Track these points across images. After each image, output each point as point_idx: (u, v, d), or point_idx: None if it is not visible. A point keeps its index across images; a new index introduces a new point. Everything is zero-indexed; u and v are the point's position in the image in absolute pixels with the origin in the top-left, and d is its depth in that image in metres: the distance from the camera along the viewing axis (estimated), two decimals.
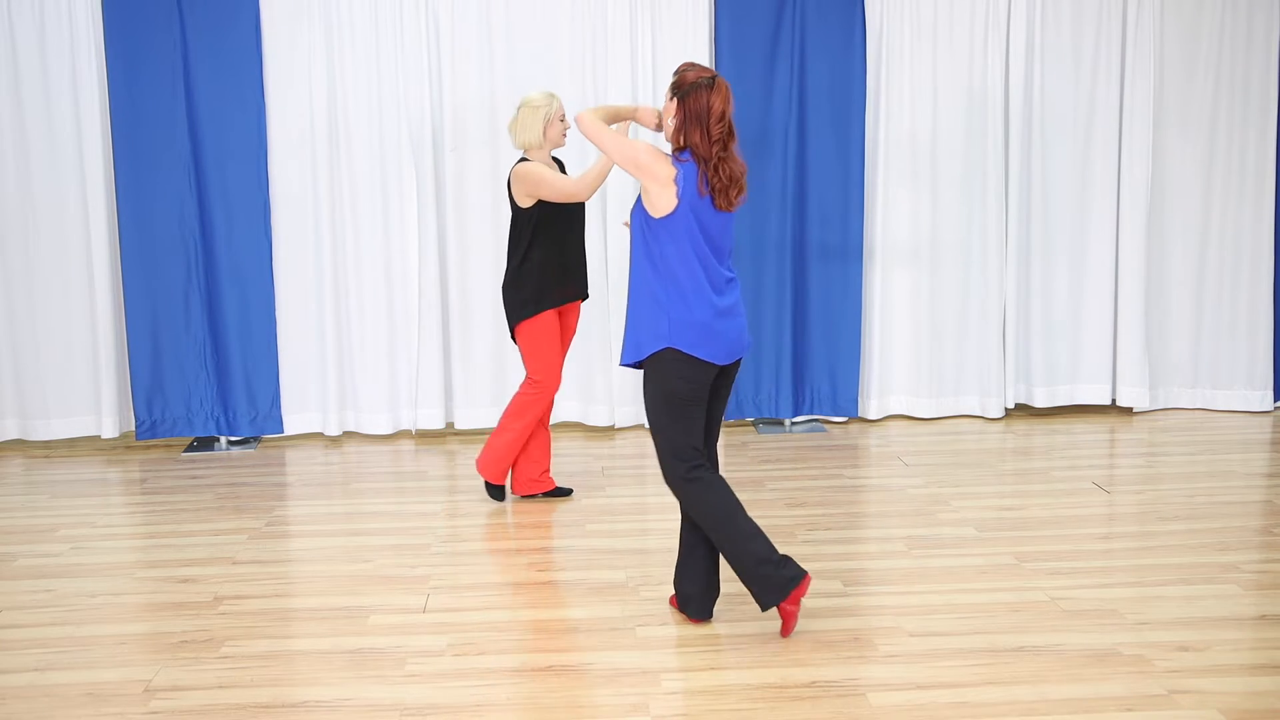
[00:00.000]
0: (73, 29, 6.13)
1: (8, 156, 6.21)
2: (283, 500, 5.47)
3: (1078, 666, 3.56)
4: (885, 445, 6.29)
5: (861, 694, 3.40)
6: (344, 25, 6.25)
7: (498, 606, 4.10)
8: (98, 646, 3.81)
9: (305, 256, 6.42)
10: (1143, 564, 4.44)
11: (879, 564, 4.47)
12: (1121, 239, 6.74)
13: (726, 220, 3.79)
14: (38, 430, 6.45)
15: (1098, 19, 6.60)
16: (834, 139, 6.49)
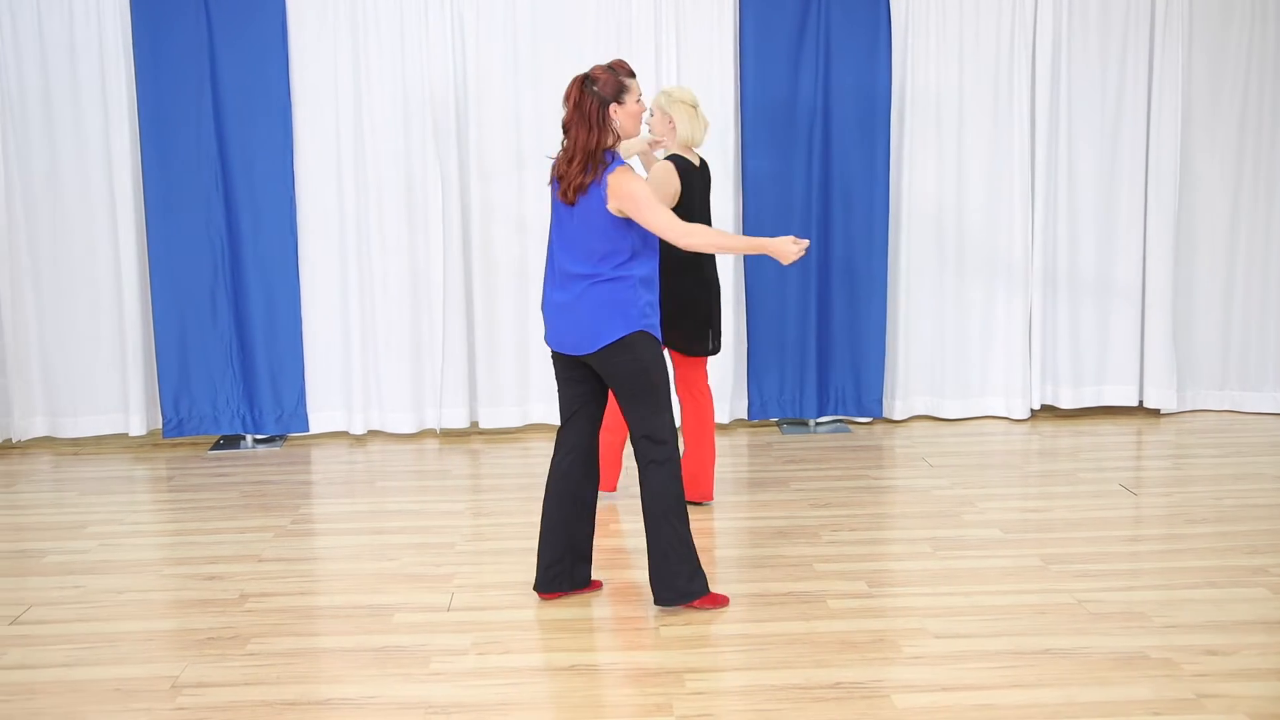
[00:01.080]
0: (101, 28, 6.18)
1: (37, 156, 6.26)
2: (308, 498, 5.49)
3: (1104, 669, 3.54)
4: (910, 446, 6.27)
5: (886, 695, 3.39)
6: (369, 24, 6.27)
7: (522, 605, 4.10)
8: (125, 642, 3.84)
9: (330, 255, 6.45)
10: (1170, 567, 4.41)
11: (904, 565, 4.46)
12: (1149, 238, 6.70)
13: (579, 216, 3.88)
14: (66, 428, 6.50)
15: (1125, 14, 6.56)
16: (859, 138, 6.47)
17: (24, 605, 4.17)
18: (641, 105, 3.93)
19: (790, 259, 3.93)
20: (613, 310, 3.87)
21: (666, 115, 4.90)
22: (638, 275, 3.89)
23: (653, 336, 3.91)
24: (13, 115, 6.21)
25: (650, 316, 3.92)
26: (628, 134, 3.91)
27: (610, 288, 3.87)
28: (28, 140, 6.24)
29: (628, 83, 3.88)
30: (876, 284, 6.58)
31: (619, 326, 3.86)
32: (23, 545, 4.85)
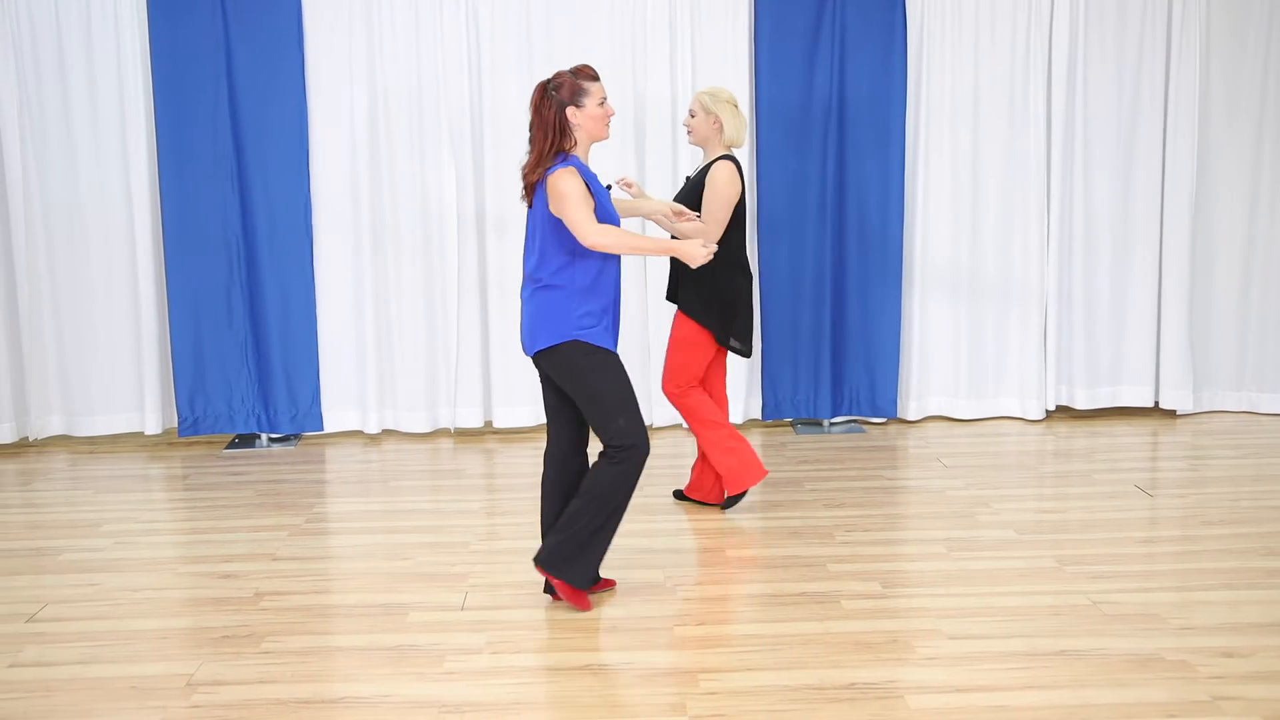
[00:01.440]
0: (118, 29, 6.20)
1: (54, 155, 6.30)
2: (322, 497, 5.51)
3: (1120, 671, 3.52)
4: (924, 447, 6.25)
5: (900, 696, 3.38)
6: (384, 24, 6.29)
7: (536, 605, 4.11)
8: (140, 640, 3.85)
9: (345, 255, 6.46)
10: (1186, 568, 4.39)
11: (918, 566, 4.45)
12: (1165, 238, 6.67)
13: (532, 217, 3.98)
14: (82, 426, 6.53)
15: (1142, 18, 6.53)
16: (874, 140, 6.46)
17: (40, 603, 4.19)
18: (606, 109, 3.93)
19: (698, 262, 3.93)
20: (546, 318, 3.92)
21: (711, 115, 4.87)
22: (577, 285, 3.90)
23: (586, 344, 3.90)
24: (30, 116, 6.24)
25: (589, 326, 3.91)
26: (593, 136, 3.94)
27: (546, 295, 3.93)
28: (45, 140, 6.27)
29: (587, 86, 3.89)
30: (891, 284, 6.57)
31: (548, 335, 3.92)
32: (39, 543, 4.87)
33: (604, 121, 3.94)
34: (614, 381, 3.92)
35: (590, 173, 3.95)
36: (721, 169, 4.83)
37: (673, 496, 5.34)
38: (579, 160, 3.92)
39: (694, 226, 4.48)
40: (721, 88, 4.94)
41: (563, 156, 3.91)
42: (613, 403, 3.90)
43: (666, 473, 5.80)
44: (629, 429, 3.90)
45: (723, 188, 4.81)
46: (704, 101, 4.89)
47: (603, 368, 3.91)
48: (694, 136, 4.95)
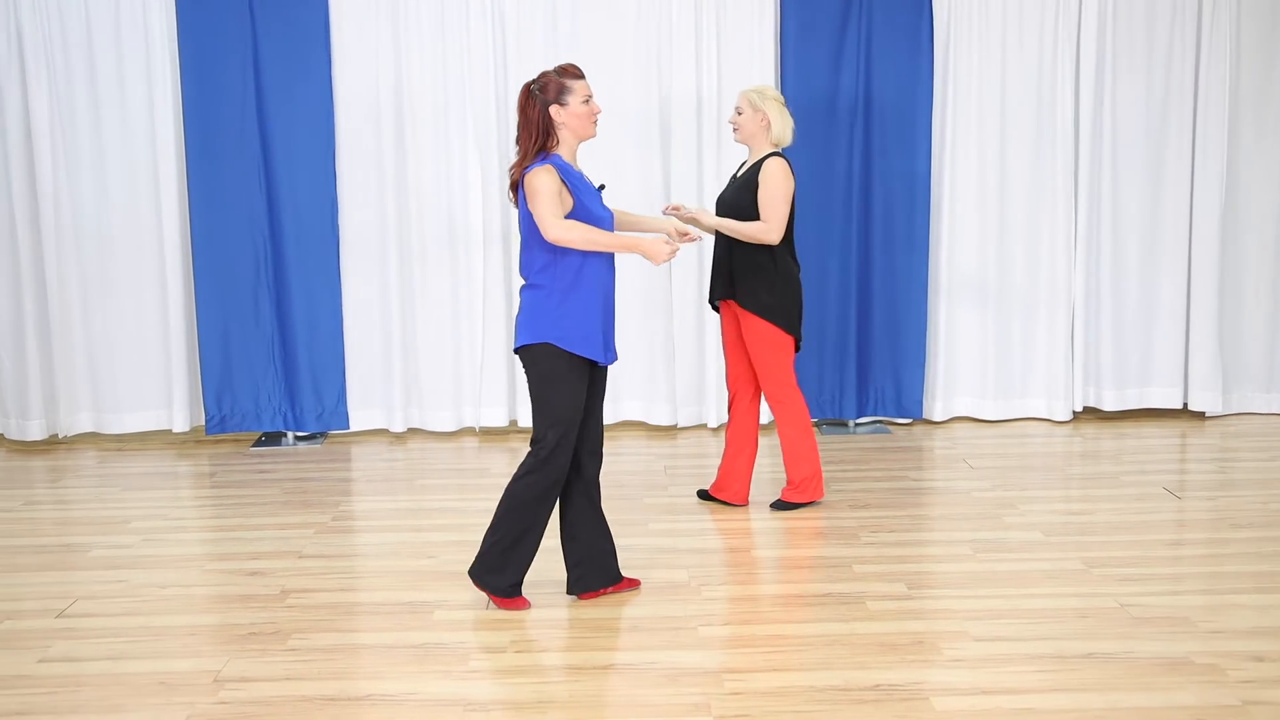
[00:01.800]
0: (147, 30, 6.25)
1: (85, 155, 6.34)
2: (348, 496, 5.53)
3: (1148, 675, 3.50)
4: (950, 448, 6.23)
5: (925, 698, 3.37)
6: (410, 25, 6.31)
7: (560, 604, 4.11)
8: (169, 637, 3.88)
9: (371, 254, 6.49)
10: (1215, 571, 4.36)
11: (944, 567, 4.43)
12: (1195, 238, 6.62)
13: (520, 217, 3.99)
14: (111, 424, 6.58)
15: (1171, 18, 6.48)
16: (900, 140, 6.44)
17: (70, 599, 4.23)
18: (591, 107, 3.93)
19: (661, 259, 3.90)
20: (527, 316, 3.94)
21: (759, 112, 4.86)
22: (557, 285, 3.90)
23: (558, 349, 3.89)
24: (60, 117, 6.29)
25: (569, 329, 3.89)
26: (578, 134, 3.93)
27: (530, 294, 3.96)
28: (75, 141, 6.32)
29: (571, 84, 3.89)
30: (917, 285, 6.55)
31: (527, 333, 3.93)
32: (68, 540, 4.91)
33: (589, 119, 3.93)
34: (566, 396, 3.92)
35: (574, 171, 3.94)
36: (774, 164, 4.82)
37: (697, 496, 5.33)
38: (560, 159, 3.91)
39: None
40: (768, 86, 4.93)
41: (544, 155, 3.90)
42: (554, 415, 3.91)
43: (690, 473, 5.79)
44: (556, 444, 3.92)
45: (778, 183, 4.79)
46: (751, 99, 4.88)
47: (562, 378, 3.91)
48: (740, 134, 4.93)
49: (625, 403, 6.67)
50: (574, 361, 3.92)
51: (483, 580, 4.05)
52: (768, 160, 4.84)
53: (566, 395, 3.92)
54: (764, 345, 4.91)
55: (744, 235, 4.79)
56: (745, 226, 4.79)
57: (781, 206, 4.79)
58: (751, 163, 4.93)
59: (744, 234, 4.79)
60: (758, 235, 4.78)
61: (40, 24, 6.21)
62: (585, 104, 3.91)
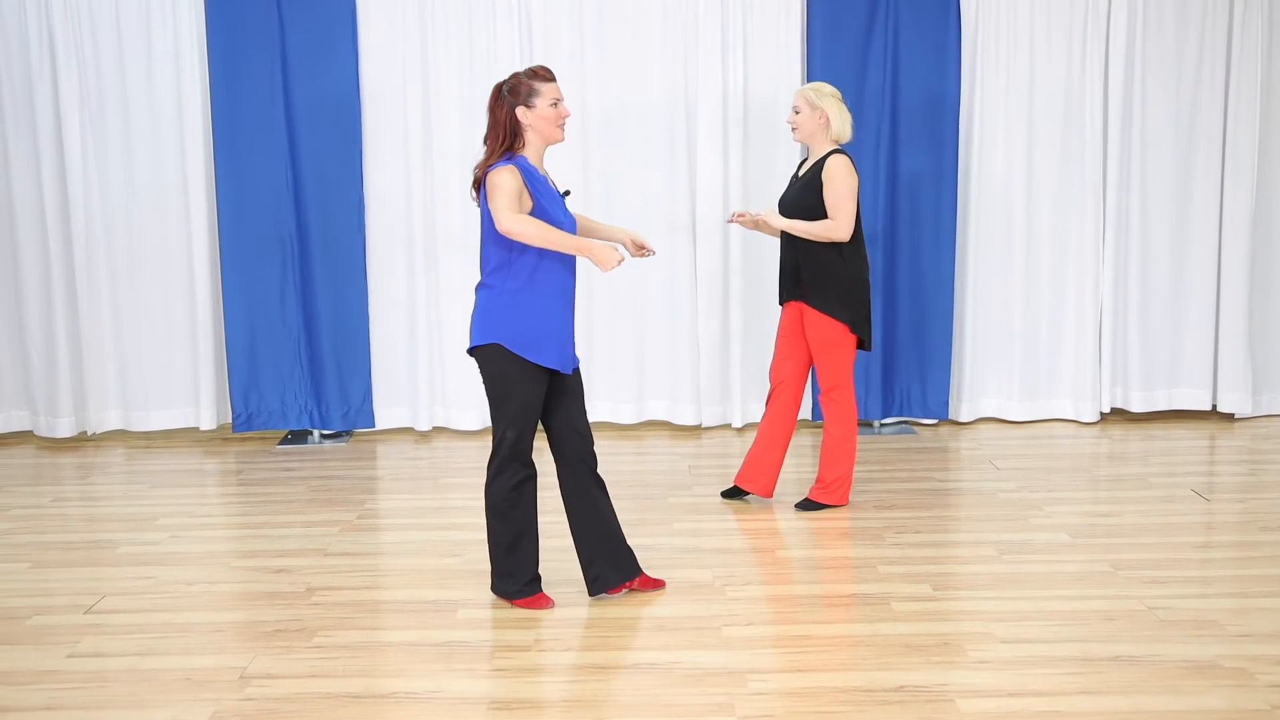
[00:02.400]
0: (176, 30, 6.29)
1: (113, 154, 6.39)
2: (373, 494, 5.55)
3: (1176, 678, 3.47)
4: (976, 448, 6.20)
5: (950, 700, 3.35)
6: (438, 23, 6.33)
7: (584, 603, 4.11)
8: (195, 633, 3.90)
9: (397, 253, 6.51)
10: (1244, 574, 4.32)
11: (969, 569, 4.41)
12: (1224, 238, 6.57)
13: (480, 216, 3.99)
14: (138, 421, 6.63)
15: (1201, 20, 6.43)
16: (927, 140, 6.42)
17: (98, 595, 4.26)
18: (559, 110, 3.91)
19: (609, 266, 3.83)
20: (480, 316, 3.93)
21: (818, 110, 4.84)
22: (509, 286, 3.89)
23: (506, 351, 3.88)
24: (90, 115, 6.35)
25: (518, 333, 3.87)
26: (545, 137, 3.92)
27: (483, 294, 3.95)
28: (104, 139, 6.37)
29: (539, 86, 3.88)
30: (943, 285, 6.52)
31: (478, 334, 3.93)
32: (97, 536, 4.95)
33: (555, 123, 3.91)
34: (520, 398, 3.91)
35: (539, 175, 3.92)
36: (836, 161, 4.81)
37: (721, 497, 5.31)
38: (525, 161, 3.90)
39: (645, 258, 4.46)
40: (823, 83, 4.92)
41: (508, 156, 3.90)
42: (509, 415, 3.92)
43: (714, 473, 5.79)
44: (514, 444, 3.93)
45: (843, 180, 4.78)
46: (809, 97, 4.86)
47: (515, 379, 3.90)
48: (799, 133, 4.91)
49: (650, 402, 6.67)
50: (526, 364, 3.90)
51: (498, 589, 4.09)
52: (830, 158, 4.82)
53: (519, 396, 3.91)
54: (827, 343, 4.92)
55: (814, 235, 4.79)
56: (813, 226, 4.78)
57: (848, 203, 4.78)
58: (813, 161, 4.91)
59: (813, 233, 4.78)
60: (827, 234, 4.78)
61: (71, 24, 6.26)
62: (553, 107, 3.89)
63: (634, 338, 6.61)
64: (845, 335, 4.91)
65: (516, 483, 3.98)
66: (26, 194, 6.40)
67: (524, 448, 3.97)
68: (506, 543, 4.03)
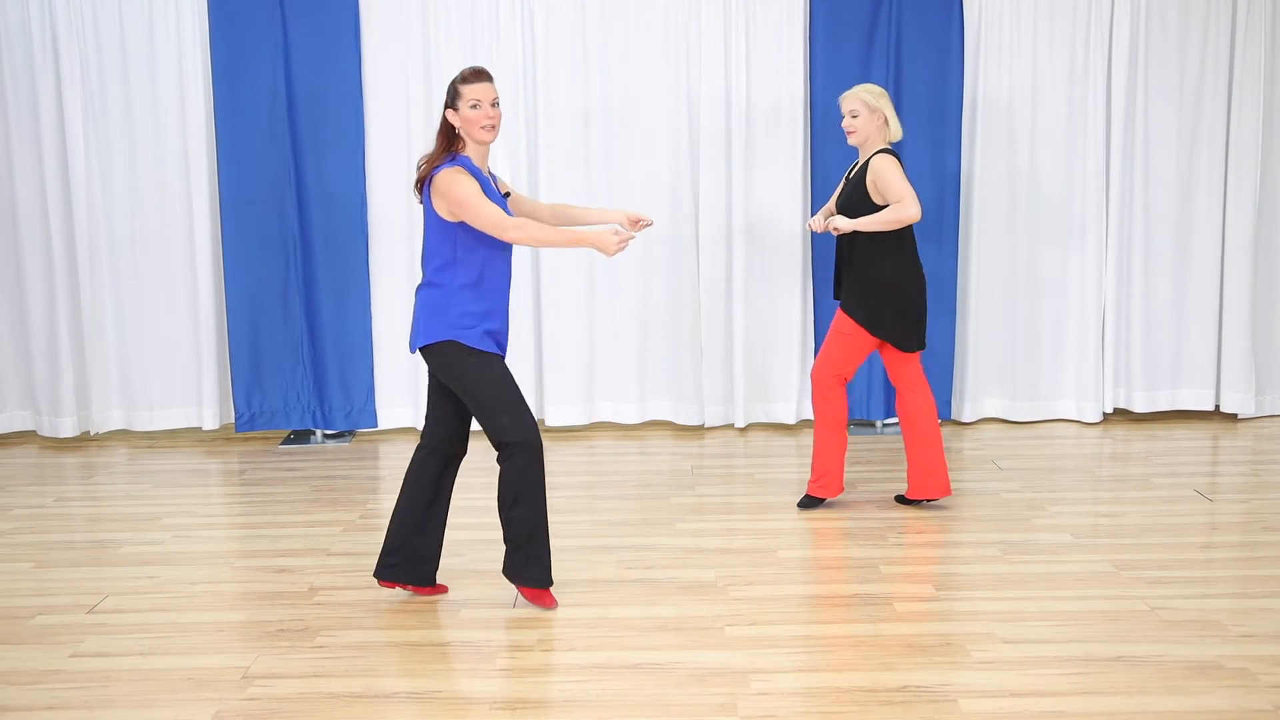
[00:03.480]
0: (179, 29, 6.29)
1: (117, 154, 6.40)
2: (376, 494, 5.55)
3: (1179, 678, 3.47)
4: (979, 449, 6.20)
5: (953, 700, 3.35)
6: (440, 23, 6.33)
7: (587, 603, 4.11)
8: (197, 633, 3.91)
9: (400, 253, 6.51)
10: (1247, 575, 4.32)
11: (972, 569, 4.41)
12: (1227, 238, 6.56)
13: (424, 214, 3.97)
14: (141, 421, 6.63)
15: (1204, 20, 6.43)
16: (929, 140, 6.41)
17: (101, 594, 4.26)
18: (481, 112, 3.88)
19: (612, 251, 3.80)
20: (426, 315, 3.93)
21: (877, 113, 4.84)
22: (457, 282, 3.89)
23: (462, 345, 3.88)
24: (93, 114, 6.35)
25: (470, 326, 3.88)
26: (472, 139, 3.91)
27: (428, 293, 3.94)
28: (108, 139, 6.38)
29: (460, 89, 3.88)
30: (946, 286, 6.52)
31: (425, 333, 3.92)
32: (99, 536, 4.95)
33: (476, 125, 3.89)
34: (494, 379, 3.91)
35: (482, 175, 3.91)
36: (880, 160, 4.81)
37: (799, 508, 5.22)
38: (468, 160, 3.91)
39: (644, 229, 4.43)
40: (872, 84, 4.92)
41: (451, 157, 3.91)
42: (493, 400, 3.90)
43: (717, 473, 5.79)
44: (513, 425, 3.90)
45: (893, 169, 4.77)
46: (865, 100, 4.85)
47: (481, 367, 3.90)
48: (856, 136, 4.89)
49: (652, 402, 6.67)
50: (480, 351, 3.91)
51: (518, 577, 4.04)
52: (874, 159, 4.83)
53: (493, 378, 3.91)
54: (839, 333, 4.96)
55: (886, 224, 4.76)
56: (882, 214, 4.77)
57: (905, 184, 4.77)
58: (861, 161, 4.93)
59: (886, 222, 4.76)
60: (898, 217, 4.75)
61: (74, 22, 6.26)
62: (473, 109, 3.88)
63: (637, 337, 6.61)
64: (857, 330, 4.92)
65: (533, 465, 3.93)
66: (29, 192, 6.41)
67: (526, 424, 3.92)
68: (527, 531, 3.98)
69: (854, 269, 4.91)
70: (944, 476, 5.06)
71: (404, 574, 4.14)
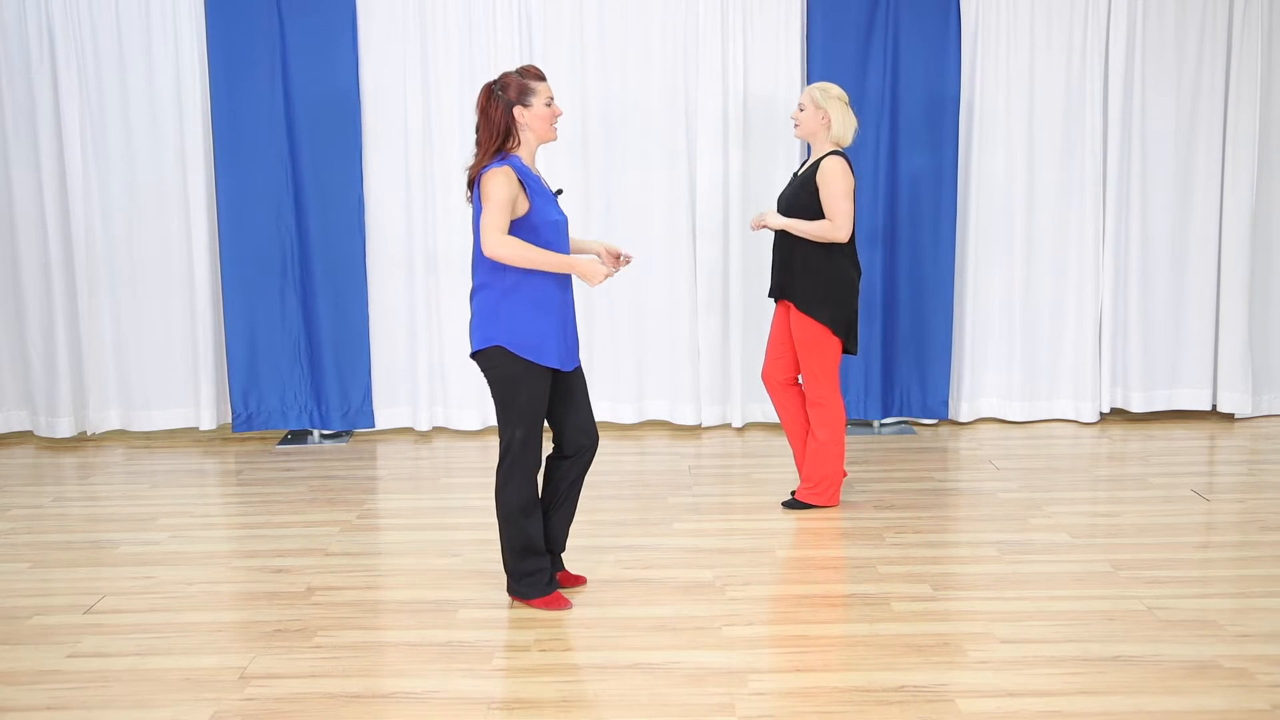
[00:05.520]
0: (176, 30, 6.29)
1: (114, 153, 6.39)
2: (373, 494, 5.55)
3: (1176, 678, 3.48)
4: (976, 448, 6.20)
5: (951, 700, 3.35)
6: (437, 24, 6.33)
7: (584, 603, 4.11)
8: (195, 633, 3.90)
9: (397, 253, 6.51)
10: (1244, 574, 4.32)
11: (969, 569, 4.41)
12: (1224, 239, 6.57)
13: (474, 217, 3.93)
14: (139, 421, 6.63)
15: (1201, 21, 6.43)
16: (927, 139, 6.42)
17: (98, 595, 4.26)
18: (553, 109, 3.89)
19: (596, 281, 3.79)
20: (479, 320, 3.92)
21: (821, 110, 4.85)
22: (506, 283, 3.86)
23: (508, 353, 3.86)
24: (90, 116, 6.35)
25: (518, 333, 3.86)
26: (540, 136, 3.90)
27: (480, 296, 3.92)
28: (105, 140, 6.37)
29: (534, 85, 3.86)
30: (943, 285, 6.52)
31: (478, 338, 3.91)
32: (97, 536, 4.95)
33: (549, 121, 3.90)
34: (527, 398, 3.90)
35: (532, 174, 3.88)
36: (831, 163, 4.81)
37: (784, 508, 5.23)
38: (519, 160, 3.87)
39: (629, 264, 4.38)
40: (833, 84, 4.93)
41: (502, 156, 3.87)
42: (516, 415, 3.90)
43: (715, 473, 5.79)
44: (524, 443, 3.91)
45: (838, 180, 4.78)
46: (814, 96, 4.87)
47: (519, 379, 3.88)
48: (800, 130, 4.93)
49: (649, 402, 6.67)
50: (530, 363, 3.89)
51: (519, 591, 4.06)
52: (825, 159, 4.83)
53: (525, 396, 3.90)
54: (811, 345, 4.92)
55: (812, 234, 4.79)
56: (812, 226, 4.78)
57: (844, 203, 4.78)
58: (812, 161, 4.92)
59: (812, 233, 4.79)
60: (825, 234, 4.78)
61: (71, 25, 6.26)
62: (548, 106, 3.88)
63: (634, 337, 6.61)
64: (827, 337, 4.91)
65: (529, 486, 3.96)
66: (27, 193, 6.40)
67: (534, 447, 3.95)
68: (520, 548, 4.01)
69: (808, 269, 4.86)
70: (838, 492, 5.12)
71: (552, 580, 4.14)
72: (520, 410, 3.91)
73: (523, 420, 3.92)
